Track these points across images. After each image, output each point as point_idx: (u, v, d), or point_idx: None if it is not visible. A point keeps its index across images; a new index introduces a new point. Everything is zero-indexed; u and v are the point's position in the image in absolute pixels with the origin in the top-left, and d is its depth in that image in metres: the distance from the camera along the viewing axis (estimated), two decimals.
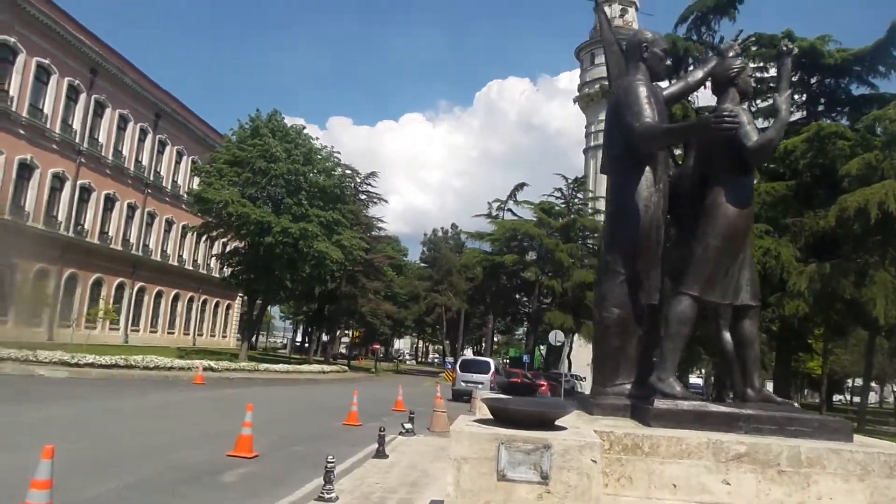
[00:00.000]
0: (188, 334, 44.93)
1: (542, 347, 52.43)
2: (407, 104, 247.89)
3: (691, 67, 19.92)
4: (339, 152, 35.23)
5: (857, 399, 46.45)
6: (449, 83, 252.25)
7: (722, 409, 4.81)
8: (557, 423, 4.30)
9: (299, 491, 6.09)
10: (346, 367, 36.75)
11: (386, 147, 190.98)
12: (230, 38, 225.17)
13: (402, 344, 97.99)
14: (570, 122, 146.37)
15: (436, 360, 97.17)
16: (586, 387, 34.24)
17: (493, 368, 23.28)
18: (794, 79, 18.65)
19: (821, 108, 22.02)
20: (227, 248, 37.51)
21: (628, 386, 5.61)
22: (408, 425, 7.98)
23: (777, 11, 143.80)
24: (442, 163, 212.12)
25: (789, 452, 4.25)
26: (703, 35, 21.11)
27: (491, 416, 4.55)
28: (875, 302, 14.68)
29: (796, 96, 20.95)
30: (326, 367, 32.38)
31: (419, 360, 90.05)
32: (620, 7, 76.23)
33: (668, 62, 6.36)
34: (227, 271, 36.69)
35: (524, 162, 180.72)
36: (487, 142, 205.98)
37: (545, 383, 28.49)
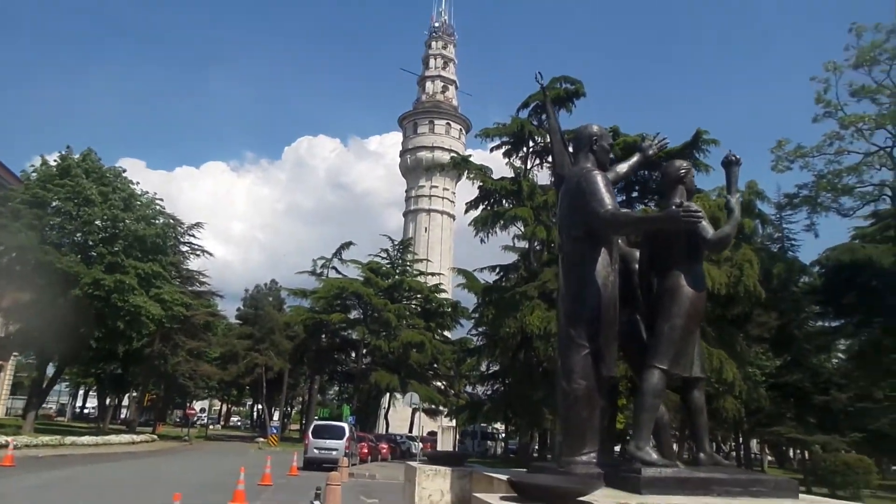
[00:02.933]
0: None
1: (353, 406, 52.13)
2: (210, 152, 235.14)
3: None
4: (161, 199, 32.67)
5: None
6: (257, 134, 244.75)
7: (697, 474, 5.29)
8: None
9: None
10: (155, 436, 33.02)
11: (185, 194, 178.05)
12: (16, 71, 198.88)
13: (200, 407, 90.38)
14: (378, 183, 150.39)
15: (241, 425, 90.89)
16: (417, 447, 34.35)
17: (347, 433, 22.29)
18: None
19: (635, 194, 24.97)
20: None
21: (594, 455, 5.94)
22: (316, 503, 7.52)
23: (607, 108, 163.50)
24: (246, 214, 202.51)
25: None
26: (543, 122, 23.42)
27: (514, 493, 4.58)
28: None
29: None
30: (136, 437, 28.82)
31: (223, 424, 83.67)
32: (442, 84, 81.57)
33: (612, 155, 7.15)
34: (12, 329, 31.57)
35: (332, 218, 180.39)
36: (295, 196, 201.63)
37: (386, 446, 28.14)
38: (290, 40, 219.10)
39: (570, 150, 7.39)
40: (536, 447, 27.95)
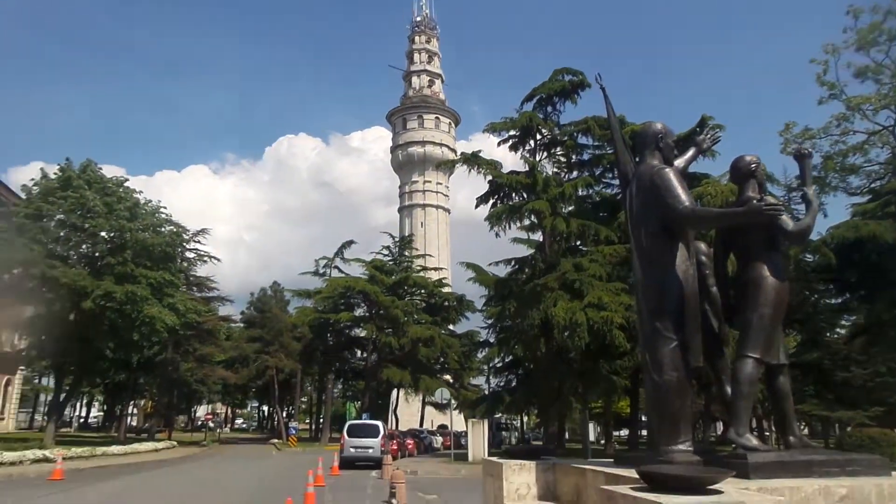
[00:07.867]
0: None
1: (357, 404, 52.60)
2: (191, 155, 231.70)
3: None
4: (165, 207, 32.55)
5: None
6: (238, 136, 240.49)
7: (798, 457, 5.52)
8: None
9: None
10: (174, 443, 33.09)
11: (166, 199, 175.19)
12: None
13: (209, 411, 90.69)
14: (363, 179, 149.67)
15: (248, 427, 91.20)
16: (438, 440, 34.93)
17: (381, 432, 22.46)
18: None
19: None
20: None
21: (689, 443, 6.17)
22: (394, 501, 7.71)
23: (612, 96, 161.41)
24: (230, 217, 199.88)
25: (877, 490, 5.05)
26: (549, 114, 23.54)
27: (643, 483, 4.79)
28: None
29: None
30: (158, 444, 28.95)
31: (230, 427, 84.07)
32: (428, 79, 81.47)
33: (676, 151, 7.37)
34: (20, 344, 31.51)
35: (317, 217, 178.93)
36: (278, 196, 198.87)
37: (412, 442, 28.55)
38: (265, 39, 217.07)
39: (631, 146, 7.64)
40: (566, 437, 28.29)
